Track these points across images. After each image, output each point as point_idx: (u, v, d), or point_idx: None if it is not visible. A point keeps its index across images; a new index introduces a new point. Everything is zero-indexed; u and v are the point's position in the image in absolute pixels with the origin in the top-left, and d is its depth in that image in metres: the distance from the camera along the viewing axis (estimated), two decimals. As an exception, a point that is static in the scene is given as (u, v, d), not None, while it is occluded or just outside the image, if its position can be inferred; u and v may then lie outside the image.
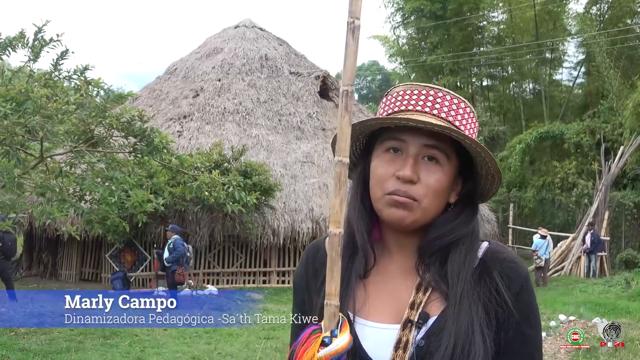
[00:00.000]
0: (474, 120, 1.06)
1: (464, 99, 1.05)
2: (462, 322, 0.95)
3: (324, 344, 0.95)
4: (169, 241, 10.20)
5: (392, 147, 1.03)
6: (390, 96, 1.08)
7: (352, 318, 1.03)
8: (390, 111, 1.06)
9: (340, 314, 0.98)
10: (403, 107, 1.04)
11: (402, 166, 1.00)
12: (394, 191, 1.00)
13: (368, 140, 1.11)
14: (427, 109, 1.02)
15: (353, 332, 1.01)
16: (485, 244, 1.05)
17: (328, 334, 0.96)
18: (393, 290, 1.05)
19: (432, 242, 1.02)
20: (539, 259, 13.30)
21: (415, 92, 1.04)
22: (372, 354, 1.00)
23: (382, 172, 1.03)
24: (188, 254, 10.65)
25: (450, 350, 0.94)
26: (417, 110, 1.02)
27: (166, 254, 10.14)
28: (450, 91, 1.05)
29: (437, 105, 1.02)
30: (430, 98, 1.03)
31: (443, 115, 1.02)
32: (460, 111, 1.04)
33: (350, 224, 1.08)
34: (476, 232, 1.05)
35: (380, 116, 1.08)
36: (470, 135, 1.03)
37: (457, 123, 1.03)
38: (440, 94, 1.03)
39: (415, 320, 0.98)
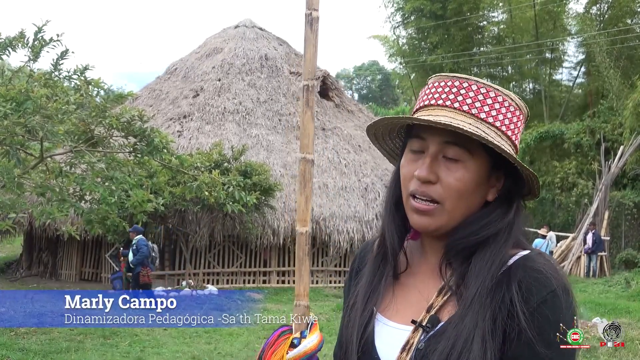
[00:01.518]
0: (511, 110, 0.99)
1: (496, 87, 0.99)
2: (464, 328, 0.89)
3: (293, 345, 0.94)
4: (132, 242, 10.03)
5: (414, 146, 1.00)
6: (424, 88, 1.05)
7: (374, 314, 1.02)
8: (417, 106, 1.03)
9: (312, 314, 0.98)
10: (427, 102, 1.00)
11: (420, 166, 0.97)
12: (413, 192, 0.97)
13: (405, 137, 1.07)
14: (448, 102, 0.97)
15: (371, 329, 1.00)
16: (523, 252, 0.96)
17: (297, 334, 0.95)
18: (420, 292, 1.01)
19: (457, 241, 0.97)
20: None
21: (442, 83, 1.00)
22: (381, 353, 0.98)
23: (405, 171, 1.00)
24: (153, 254, 10.45)
25: (445, 355, 0.89)
26: (439, 105, 0.98)
27: (131, 256, 9.98)
28: (480, 80, 0.99)
29: (460, 98, 0.97)
30: (454, 90, 0.98)
31: (465, 107, 0.96)
32: (489, 101, 0.97)
33: (383, 225, 1.07)
34: (508, 232, 0.97)
35: (414, 108, 1.06)
36: (501, 126, 0.97)
37: (482, 115, 0.97)
38: (465, 84, 0.98)
39: (425, 323, 0.94)
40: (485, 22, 25.13)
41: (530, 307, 0.89)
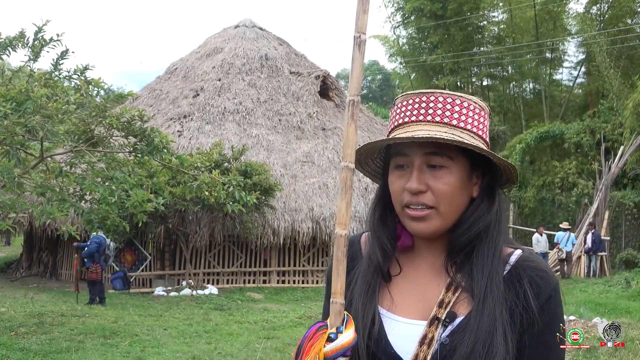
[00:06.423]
0: (477, 112, 1.08)
1: (459, 95, 1.07)
2: (485, 321, 0.98)
3: (329, 340, 1.00)
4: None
5: (399, 163, 1.08)
6: (393, 108, 1.13)
7: (380, 312, 1.08)
8: (393, 125, 1.11)
9: (346, 312, 1.03)
10: (401, 120, 1.09)
11: (409, 179, 1.05)
12: (407, 203, 1.05)
13: (385, 156, 1.16)
14: (421, 117, 1.06)
15: (380, 325, 1.07)
16: (518, 252, 1.07)
17: (334, 330, 1.01)
18: (423, 289, 1.09)
19: (457, 239, 1.06)
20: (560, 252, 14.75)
21: (410, 101, 1.08)
22: (397, 348, 1.04)
23: (396, 187, 1.08)
24: (107, 252, 10.28)
25: (470, 347, 0.97)
26: (412, 121, 1.07)
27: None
28: (443, 91, 1.08)
29: (431, 110, 1.06)
30: (424, 105, 1.06)
31: (437, 118, 1.05)
32: (457, 108, 1.06)
33: (372, 237, 1.14)
34: (499, 224, 1.07)
35: (389, 129, 1.13)
36: (472, 128, 1.06)
37: (454, 122, 1.05)
38: (432, 97, 1.06)
39: (443, 318, 1.01)
40: (485, 22, 25.14)
41: (540, 301, 1.01)
